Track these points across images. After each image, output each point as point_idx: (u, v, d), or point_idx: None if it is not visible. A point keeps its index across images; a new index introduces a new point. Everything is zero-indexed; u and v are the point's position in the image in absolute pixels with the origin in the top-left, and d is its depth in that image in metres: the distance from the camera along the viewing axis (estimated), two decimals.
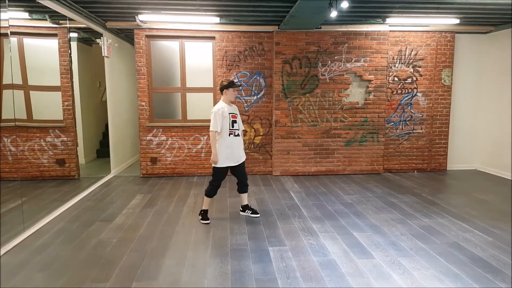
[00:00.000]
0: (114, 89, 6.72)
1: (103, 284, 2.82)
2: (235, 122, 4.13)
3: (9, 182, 5.31)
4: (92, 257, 3.30)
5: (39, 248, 3.47)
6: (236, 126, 4.14)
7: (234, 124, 4.12)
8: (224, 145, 4.06)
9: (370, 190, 5.56)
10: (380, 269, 3.04)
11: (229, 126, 4.08)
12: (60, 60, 5.76)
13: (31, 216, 4.15)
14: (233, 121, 4.11)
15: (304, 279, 2.88)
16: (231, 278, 2.90)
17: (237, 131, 4.15)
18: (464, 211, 4.55)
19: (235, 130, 4.13)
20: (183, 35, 6.31)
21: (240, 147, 4.21)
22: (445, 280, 2.86)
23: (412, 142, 6.82)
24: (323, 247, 3.48)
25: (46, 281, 2.87)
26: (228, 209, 4.68)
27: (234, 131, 4.12)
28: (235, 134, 4.14)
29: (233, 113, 4.15)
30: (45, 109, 6.01)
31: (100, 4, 5.12)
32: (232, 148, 4.10)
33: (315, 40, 6.33)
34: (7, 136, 5.34)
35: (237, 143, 4.16)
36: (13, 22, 4.60)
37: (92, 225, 4.10)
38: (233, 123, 4.11)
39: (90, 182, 5.90)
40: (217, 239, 3.70)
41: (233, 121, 4.11)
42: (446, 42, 6.61)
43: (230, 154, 4.10)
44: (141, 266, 3.10)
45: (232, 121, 4.10)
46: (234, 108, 4.23)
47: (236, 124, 4.15)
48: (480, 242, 3.60)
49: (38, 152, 5.78)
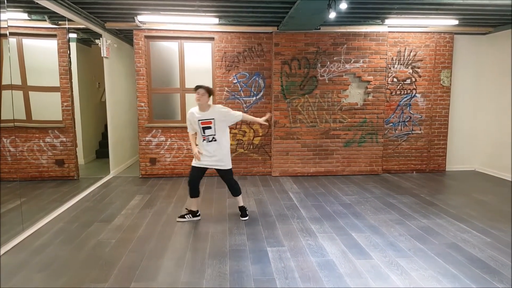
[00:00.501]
0: (113, 90, 6.72)
1: (102, 284, 2.82)
2: (207, 128, 4.00)
3: (9, 182, 5.32)
4: (91, 257, 3.31)
5: (38, 249, 3.48)
6: (209, 132, 4.01)
7: (206, 131, 4.00)
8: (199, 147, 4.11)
9: (369, 190, 5.57)
10: (378, 270, 3.05)
11: (201, 132, 4.02)
12: (59, 60, 5.77)
13: (31, 217, 4.15)
14: (203, 127, 4.00)
15: (303, 279, 2.89)
16: (230, 279, 2.91)
17: (211, 136, 4.03)
18: (463, 211, 4.56)
19: (208, 136, 4.02)
20: (182, 36, 6.32)
21: (217, 153, 4.08)
22: (443, 280, 2.87)
23: (411, 143, 6.83)
24: (321, 248, 3.49)
25: (45, 282, 2.87)
26: (227, 209, 4.68)
27: (207, 137, 4.02)
28: (209, 140, 4.03)
29: (205, 119, 3.99)
30: (44, 109, 6.01)
31: (99, 5, 5.12)
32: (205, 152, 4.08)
33: (314, 41, 6.34)
34: (6, 136, 5.35)
35: (212, 149, 4.06)
36: (12, 23, 4.61)
37: (91, 225, 4.10)
38: (204, 130, 4.00)
39: (89, 183, 5.90)
40: (215, 240, 3.71)
41: (204, 128, 4.00)
42: (445, 43, 6.62)
43: (203, 157, 4.08)
44: (139, 267, 3.11)
45: (203, 128, 4.00)
46: (209, 113, 4.02)
47: (210, 130, 4.01)
48: (479, 243, 3.60)
49: (37, 153, 5.78)
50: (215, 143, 4.04)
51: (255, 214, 4.49)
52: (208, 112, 4.01)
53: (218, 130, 4.04)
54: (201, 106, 4.00)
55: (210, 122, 3.99)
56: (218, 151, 4.07)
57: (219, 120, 4.03)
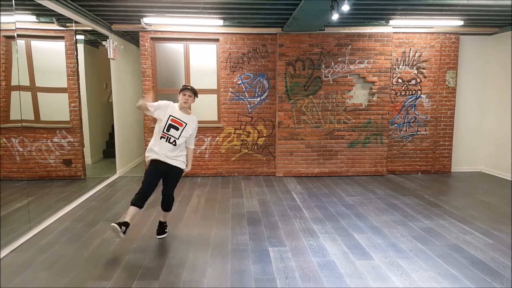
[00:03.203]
0: (120, 91, 6.81)
1: (106, 282, 2.88)
2: (173, 127, 3.52)
3: (17, 182, 5.44)
4: (96, 256, 3.37)
5: (44, 247, 3.55)
6: (173, 133, 3.52)
7: (171, 129, 3.51)
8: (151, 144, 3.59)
9: (373, 191, 5.57)
10: (379, 271, 3.06)
11: (163, 128, 3.50)
12: (66, 62, 5.87)
13: (37, 216, 4.23)
14: (170, 124, 3.51)
15: (303, 279, 2.92)
16: (231, 278, 2.94)
17: (172, 138, 3.52)
18: (467, 213, 4.54)
19: (170, 136, 3.52)
20: (188, 38, 6.38)
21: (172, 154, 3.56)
22: (443, 282, 2.87)
23: (416, 144, 6.81)
24: (322, 248, 3.51)
25: (50, 280, 2.93)
26: (230, 209, 4.72)
27: (168, 136, 3.52)
28: (169, 140, 3.53)
29: (177, 119, 3.54)
30: (52, 110, 6.11)
31: (106, 7, 5.20)
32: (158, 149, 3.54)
33: (319, 42, 6.36)
34: (15, 136, 5.47)
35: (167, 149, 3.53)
36: (21, 25, 4.70)
37: (97, 224, 4.17)
38: (170, 128, 3.51)
39: (96, 182, 5.99)
40: (218, 239, 3.75)
41: (170, 126, 3.52)
42: (450, 44, 6.59)
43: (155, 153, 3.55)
44: (142, 266, 3.16)
45: (169, 125, 3.51)
46: (186, 117, 3.59)
47: (176, 132, 3.53)
48: (481, 244, 3.59)
49: (45, 153, 5.88)
50: (171, 146, 3.54)
51: (258, 214, 4.53)
52: (186, 116, 3.61)
53: (181, 137, 3.57)
54: (183, 107, 3.61)
55: (181, 125, 3.55)
56: (173, 152, 3.57)
57: (189, 128, 3.61)
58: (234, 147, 6.67)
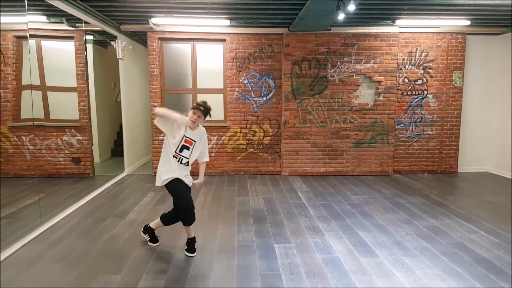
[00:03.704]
0: (128, 90, 6.90)
1: (115, 275, 2.95)
2: (185, 148, 3.31)
3: (27, 179, 5.55)
4: (105, 250, 3.44)
5: (55, 242, 3.63)
6: (185, 154, 3.32)
7: (184, 151, 3.31)
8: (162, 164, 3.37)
9: (378, 191, 5.59)
10: (383, 267, 3.09)
11: (176, 148, 3.28)
12: (76, 61, 5.97)
13: (48, 212, 4.32)
14: (183, 146, 3.30)
15: (308, 275, 2.96)
16: (237, 273, 3.00)
17: (185, 159, 3.33)
18: (472, 212, 4.55)
19: (182, 158, 3.32)
20: (195, 38, 6.46)
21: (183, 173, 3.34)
22: (448, 279, 2.90)
23: (422, 143, 6.81)
24: (327, 245, 3.55)
25: (61, 272, 3.01)
26: (236, 207, 4.78)
27: (181, 157, 3.31)
28: (181, 161, 3.32)
29: (189, 138, 3.33)
30: (61, 109, 6.22)
31: (115, 8, 5.29)
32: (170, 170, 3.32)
33: (325, 41, 6.39)
34: (25, 135, 5.58)
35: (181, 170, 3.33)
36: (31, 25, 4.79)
37: (106, 220, 4.25)
38: (183, 149, 3.31)
39: (104, 180, 6.08)
40: (224, 236, 3.80)
41: (183, 147, 3.31)
42: (457, 44, 6.58)
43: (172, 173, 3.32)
44: (151, 260, 3.23)
45: (182, 146, 3.30)
46: (194, 134, 3.35)
47: (187, 152, 3.32)
48: (486, 243, 3.60)
49: (55, 151, 5.99)
50: (184, 168, 3.36)
51: (263, 212, 4.57)
52: (195, 132, 3.38)
53: (192, 156, 3.39)
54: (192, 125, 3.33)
55: (191, 143, 3.35)
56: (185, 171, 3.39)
57: (198, 146, 3.41)
58: (240, 146, 6.73)
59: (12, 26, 5.26)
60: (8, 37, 5.27)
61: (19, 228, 3.89)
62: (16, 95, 5.41)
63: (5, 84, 5.30)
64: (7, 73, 5.32)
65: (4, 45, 5.26)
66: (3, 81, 5.30)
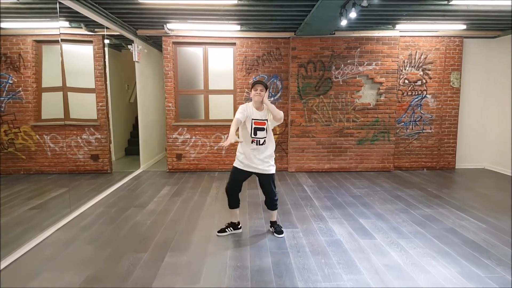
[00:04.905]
0: (143, 92, 7.33)
1: (143, 253, 3.35)
2: (259, 130, 3.55)
3: (48, 175, 5.99)
4: (131, 234, 3.86)
5: (85, 227, 4.06)
6: (261, 135, 3.56)
7: (258, 132, 3.55)
8: (241, 148, 3.68)
9: (379, 185, 5.95)
10: (380, 247, 3.47)
11: (250, 133, 3.55)
12: (95, 64, 6.40)
13: (74, 202, 4.74)
14: (256, 128, 3.54)
15: (312, 253, 3.35)
16: (250, 251, 3.39)
17: (263, 139, 3.57)
18: (466, 203, 4.90)
19: (259, 139, 3.56)
20: (207, 42, 6.88)
21: (263, 156, 3.60)
22: (437, 257, 3.27)
23: (421, 141, 7.16)
24: (330, 230, 3.93)
25: (94, 251, 3.43)
26: (246, 198, 5.16)
27: (258, 139, 3.56)
28: (260, 143, 3.57)
29: (259, 120, 3.54)
30: (81, 109, 6.65)
31: (133, 14, 5.71)
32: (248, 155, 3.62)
33: (329, 45, 6.78)
34: (47, 133, 6.02)
35: (258, 152, 3.59)
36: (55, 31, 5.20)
37: (128, 210, 4.66)
38: (256, 131, 3.54)
39: (122, 176, 6.50)
40: None
41: (257, 129, 3.54)
42: (454, 47, 6.94)
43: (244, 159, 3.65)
44: (173, 241, 3.63)
45: (255, 128, 3.54)
46: (264, 113, 3.57)
47: (263, 132, 3.56)
48: (474, 228, 3.97)
49: (74, 148, 6.41)
50: (263, 147, 3.59)
51: None
52: (263, 112, 3.57)
53: (269, 132, 3.64)
54: (257, 104, 3.56)
55: (264, 123, 3.55)
56: (265, 153, 3.62)
57: (270, 120, 3.60)
58: None
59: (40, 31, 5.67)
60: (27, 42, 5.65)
61: (50, 216, 4.31)
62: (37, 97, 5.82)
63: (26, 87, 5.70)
64: (27, 76, 5.73)
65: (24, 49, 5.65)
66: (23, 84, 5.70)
